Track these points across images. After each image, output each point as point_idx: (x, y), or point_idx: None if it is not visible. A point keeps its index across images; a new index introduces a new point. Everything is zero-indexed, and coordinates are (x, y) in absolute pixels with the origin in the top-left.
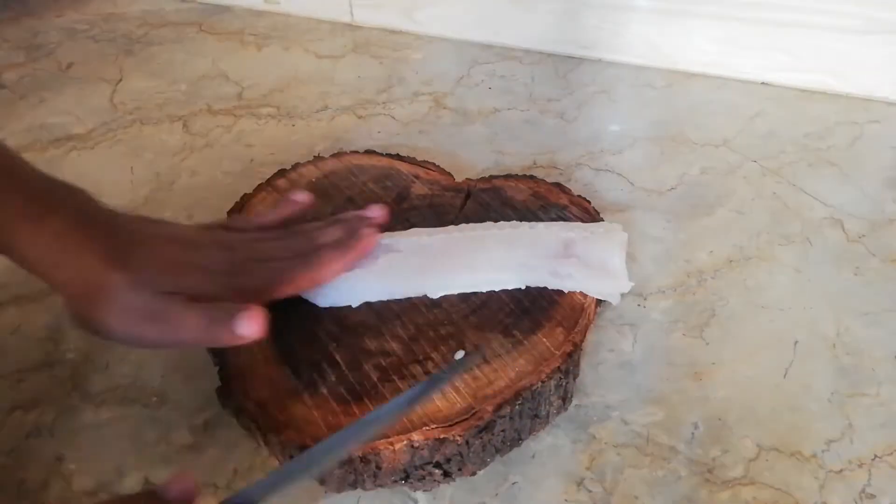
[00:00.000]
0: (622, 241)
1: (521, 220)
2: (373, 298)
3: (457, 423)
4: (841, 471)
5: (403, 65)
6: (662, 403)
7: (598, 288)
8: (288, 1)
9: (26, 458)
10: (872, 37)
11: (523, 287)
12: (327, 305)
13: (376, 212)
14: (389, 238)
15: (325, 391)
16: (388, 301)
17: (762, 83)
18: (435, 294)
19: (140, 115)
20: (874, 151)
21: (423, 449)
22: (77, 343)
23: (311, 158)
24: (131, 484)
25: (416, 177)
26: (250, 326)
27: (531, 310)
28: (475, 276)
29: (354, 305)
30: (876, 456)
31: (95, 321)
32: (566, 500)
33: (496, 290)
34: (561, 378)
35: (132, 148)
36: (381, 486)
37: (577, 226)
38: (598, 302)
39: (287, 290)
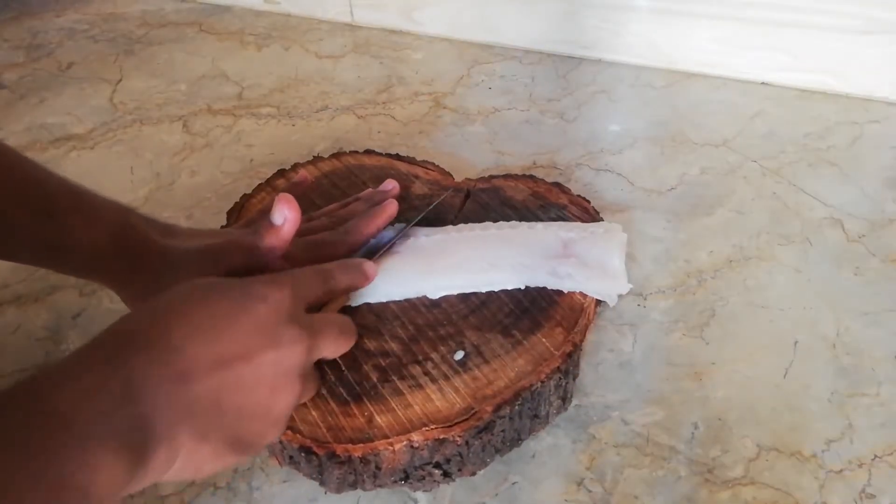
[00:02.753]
0: (622, 241)
1: (520, 220)
2: (372, 300)
3: (456, 423)
4: (841, 471)
5: (403, 65)
6: (662, 403)
7: (597, 288)
8: (288, 1)
9: None
10: (872, 37)
11: (523, 287)
12: None
13: (390, 185)
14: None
15: (324, 391)
16: (388, 301)
17: (762, 83)
18: (434, 294)
19: (140, 115)
20: (874, 151)
21: (422, 449)
22: (77, 343)
23: (310, 158)
24: None
25: (416, 177)
26: (282, 212)
27: (531, 310)
28: (474, 277)
29: (354, 305)
30: (876, 456)
31: None
32: (566, 500)
33: (495, 290)
34: (561, 378)
35: (132, 148)
36: (380, 486)
37: (577, 226)
38: (598, 302)
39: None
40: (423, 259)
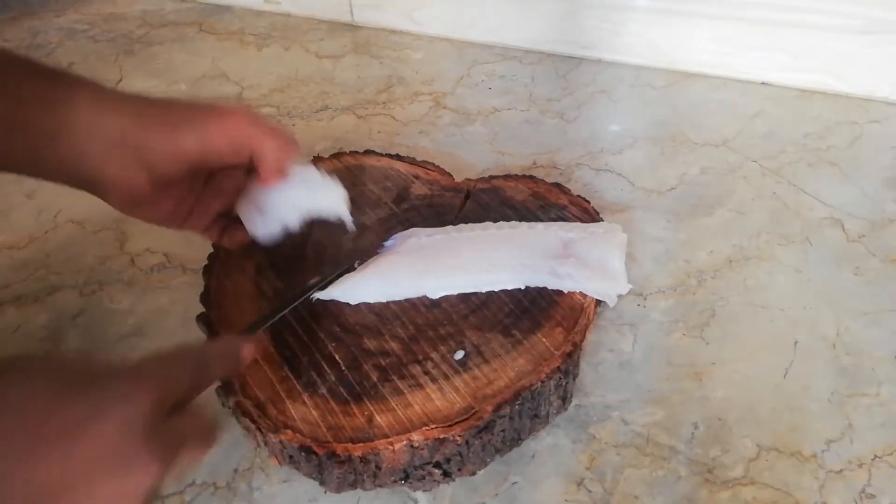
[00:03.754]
0: (622, 241)
1: (520, 220)
2: (371, 299)
3: (457, 423)
4: (841, 471)
5: (403, 65)
6: (662, 403)
7: (597, 288)
8: (288, 1)
9: None
10: (872, 37)
11: (523, 287)
12: (327, 298)
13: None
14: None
15: (324, 391)
16: (388, 301)
17: (762, 83)
18: (435, 294)
19: None
20: (874, 151)
21: (422, 449)
22: (77, 343)
23: (310, 159)
24: None
25: (416, 177)
26: None
27: (531, 310)
28: (475, 277)
29: (353, 303)
30: (876, 456)
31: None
32: (566, 500)
33: (496, 290)
34: (561, 378)
35: None
36: (380, 486)
37: (577, 226)
38: (598, 302)
39: None
40: (423, 259)
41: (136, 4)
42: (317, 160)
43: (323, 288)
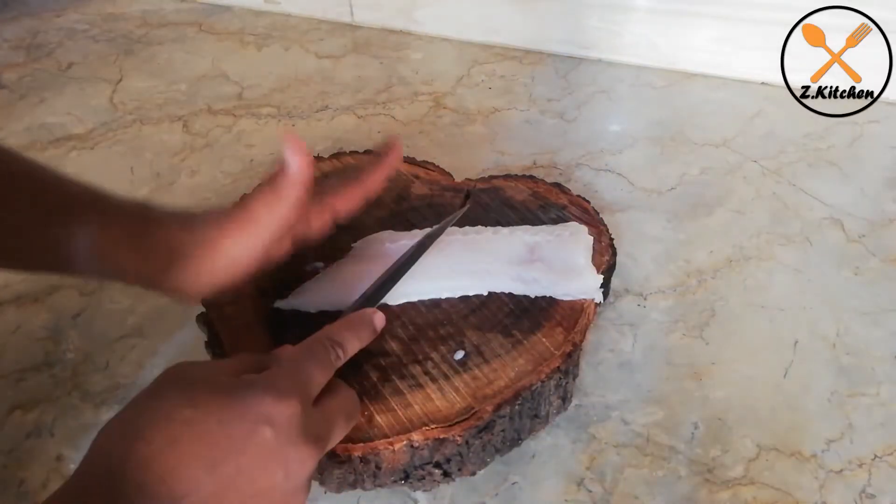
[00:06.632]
0: (588, 243)
1: (521, 221)
2: (331, 307)
3: (457, 423)
4: (841, 471)
5: (403, 65)
6: (662, 403)
7: (566, 290)
8: (288, 1)
9: (26, 458)
10: (871, 36)
11: (485, 293)
12: (287, 308)
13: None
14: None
15: None
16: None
17: (762, 83)
18: (395, 301)
19: (140, 115)
20: (874, 151)
21: (422, 449)
22: (77, 343)
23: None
24: None
25: (416, 177)
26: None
27: (531, 310)
28: (436, 283)
29: (313, 311)
30: (876, 456)
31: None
32: (566, 500)
33: (456, 296)
34: (561, 378)
35: (132, 148)
36: (380, 486)
37: (542, 229)
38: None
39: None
40: (385, 265)
41: (136, 4)
42: (317, 160)
43: (436, 234)
